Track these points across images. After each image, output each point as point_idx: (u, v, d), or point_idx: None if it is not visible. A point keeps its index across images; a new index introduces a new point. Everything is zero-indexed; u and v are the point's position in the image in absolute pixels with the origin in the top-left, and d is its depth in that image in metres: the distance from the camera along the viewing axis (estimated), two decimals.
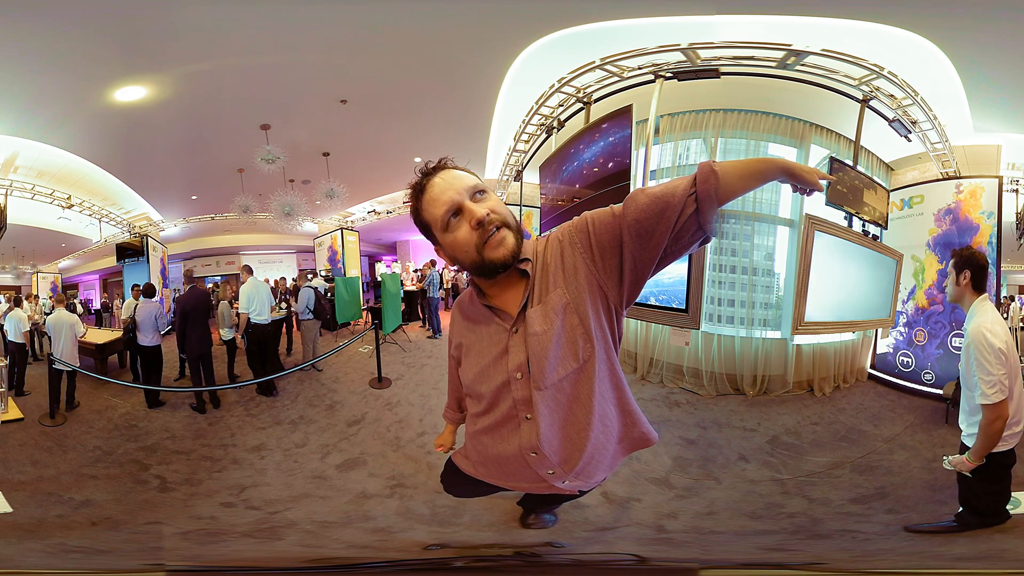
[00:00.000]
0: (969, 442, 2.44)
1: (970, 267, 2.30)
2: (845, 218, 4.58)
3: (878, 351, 5.18)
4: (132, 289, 6.09)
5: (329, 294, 7.60)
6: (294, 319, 6.61)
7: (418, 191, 1.29)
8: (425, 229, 1.32)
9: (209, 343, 5.12)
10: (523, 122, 6.27)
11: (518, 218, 1.37)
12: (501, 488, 1.68)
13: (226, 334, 5.67)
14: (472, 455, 1.57)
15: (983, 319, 2.24)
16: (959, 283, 2.33)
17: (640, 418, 1.42)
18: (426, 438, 3.91)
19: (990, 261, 2.56)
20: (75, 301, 7.44)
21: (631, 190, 4.61)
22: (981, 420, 2.26)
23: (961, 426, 2.48)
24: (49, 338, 5.02)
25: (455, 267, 1.36)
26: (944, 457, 2.44)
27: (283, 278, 8.37)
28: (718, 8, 4.09)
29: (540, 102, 5.85)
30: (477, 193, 1.24)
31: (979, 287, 2.30)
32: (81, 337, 5.12)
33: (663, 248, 1.16)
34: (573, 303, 1.24)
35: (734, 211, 4.83)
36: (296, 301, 6.22)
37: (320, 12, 4.03)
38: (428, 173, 1.29)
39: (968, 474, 2.40)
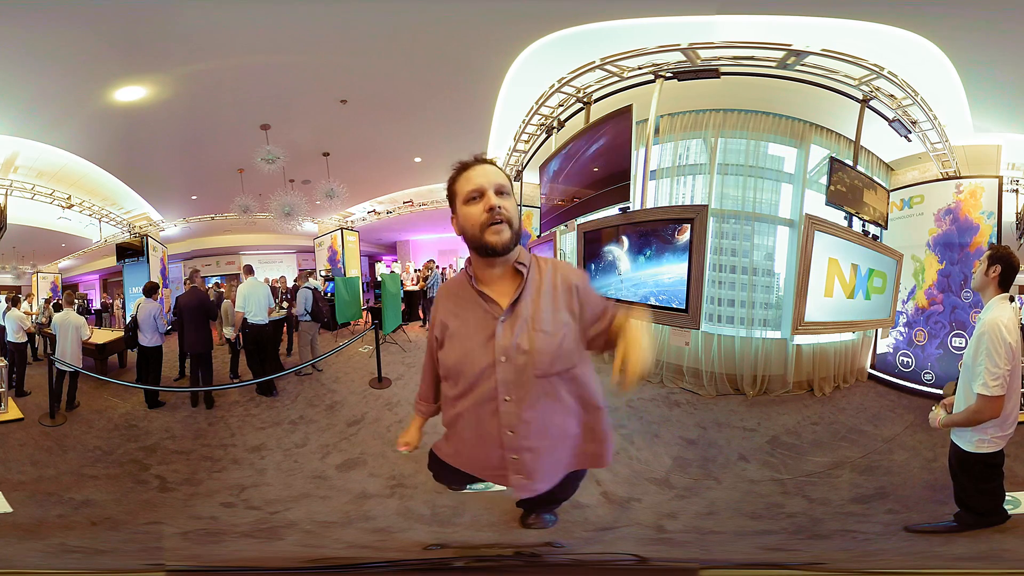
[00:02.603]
0: (959, 437, 2.46)
1: (1002, 263, 2.35)
2: (845, 218, 4.58)
3: (878, 351, 5.18)
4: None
5: (328, 294, 7.60)
6: (294, 320, 6.61)
7: (461, 168, 1.49)
8: (451, 198, 1.50)
9: (204, 343, 5.11)
10: (523, 122, 6.27)
11: (520, 221, 1.54)
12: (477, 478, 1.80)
13: (228, 332, 5.68)
14: (452, 439, 1.70)
15: (1001, 314, 2.27)
16: (987, 274, 2.38)
17: (600, 437, 1.64)
18: (426, 438, 3.89)
19: None
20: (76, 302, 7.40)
21: (631, 190, 4.62)
22: (972, 404, 2.29)
23: None
24: (53, 337, 5.03)
25: (460, 236, 1.52)
26: (932, 407, 2.54)
27: (282, 277, 8.37)
28: (718, 8, 4.09)
29: (540, 102, 5.84)
30: (502, 191, 1.44)
31: (1004, 285, 2.36)
32: (86, 340, 5.11)
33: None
34: (576, 326, 1.50)
35: (734, 211, 4.83)
36: (295, 302, 6.21)
37: (320, 12, 4.03)
38: (476, 161, 1.49)
39: (950, 456, 2.49)
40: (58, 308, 5.23)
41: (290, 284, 8.26)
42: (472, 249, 1.49)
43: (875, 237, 4.85)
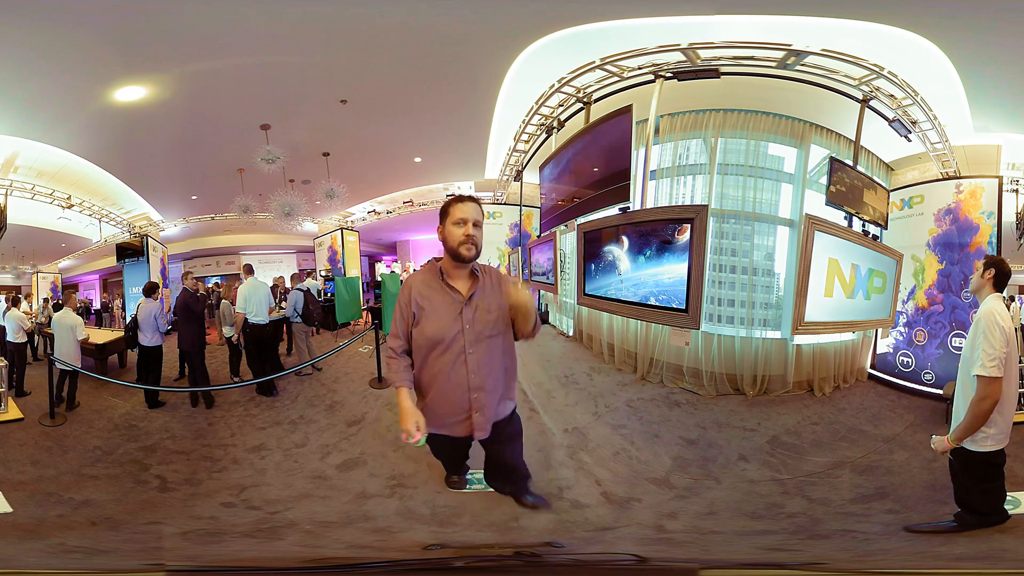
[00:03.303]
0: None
1: (995, 267, 2.60)
2: (845, 218, 4.57)
3: (878, 351, 5.18)
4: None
5: (327, 294, 7.59)
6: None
7: (457, 200, 2.19)
8: (443, 215, 2.20)
9: (190, 342, 5.11)
10: (523, 122, 6.27)
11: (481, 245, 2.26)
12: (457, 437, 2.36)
13: (228, 331, 5.68)
14: (428, 403, 2.28)
15: (995, 305, 2.47)
16: (983, 276, 2.62)
17: (513, 392, 2.42)
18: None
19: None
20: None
21: (631, 190, 4.62)
22: (973, 397, 2.38)
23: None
24: (53, 337, 5.03)
25: (441, 242, 2.22)
26: (932, 436, 2.60)
27: (280, 278, 8.36)
28: (718, 8, 4.09)
29: (540, 102, 5.84)
30: (477, 224, 2.17)
31: (998, 287, 2.60)
32: (82, 340, 5.09)
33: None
34: (505, 310, 2.25)
35: (734, 211, 4.83)
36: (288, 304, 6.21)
37: (320, 12, 4.03)
38: (468, 198, 2.19)
39: (950, 457, 2.57)
40: (58, 308, 5.23)
41: (288, 285, 8.25)
42: (448, 254, 2.21)
43: (875, 237, 4.84)
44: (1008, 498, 2.60)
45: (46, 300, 7.26)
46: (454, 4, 4.05)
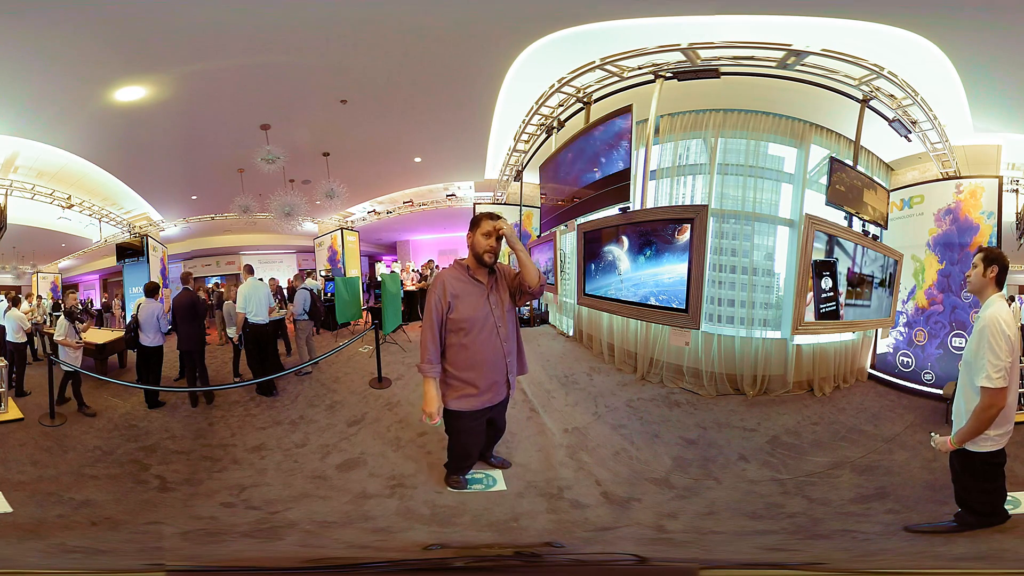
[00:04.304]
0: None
1: (998, 264, 2.44)
2: (845, 218, 4.58)
3: (878, 351, 5.18)
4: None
5: (328, 294, 7.59)
6: (288, 320, 6.64)
7: (488, 216, 2.76)
8: (474, 225, 2.77)
9: (192, 341, 5.14)
10: (523, 122, 6.27)
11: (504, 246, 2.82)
12: (482, 410, 2.84)
13: (232, 332, 5.68)
14: (464, 382, 2.77)
15: (999, 309, 2.35)
16: (985, 275, 2.46)
17: (524, 357, 3.01)
18: (426, 438, 3.90)
19: None
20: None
21: (631, 190, 4.62)
22: (977, 405, 2.33)
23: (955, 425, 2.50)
24: (50, 337, 5.04)
25: (469, 246, 2.79)
26: (932, 434, 2.55)
27: (273, 279, 8.33)
28: (718, 8, 4.09)
29: (540, 102, 5.84)
30: (500, 238, 2.74)
31: (999, 284, 2.46)
32: (58, 340, 5.01)
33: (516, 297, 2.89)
34: (508, 293, 2.87)
35: (734, 211, 4.83)
36: (289, 303, 6.24)
37: (320, 12, 4.03)
38: (500, 217, 2.76)
39: (951, 454, 2.51)
40: (57, 308, 5.24)
41: (282, 285, 8.22)
42: (474, 256, 2.79)
43: (875, 237, 4.85)
44: (1008, 498, 2.59)
45: (40, 298, 7.26)
46: (454, 4, 4.05)
